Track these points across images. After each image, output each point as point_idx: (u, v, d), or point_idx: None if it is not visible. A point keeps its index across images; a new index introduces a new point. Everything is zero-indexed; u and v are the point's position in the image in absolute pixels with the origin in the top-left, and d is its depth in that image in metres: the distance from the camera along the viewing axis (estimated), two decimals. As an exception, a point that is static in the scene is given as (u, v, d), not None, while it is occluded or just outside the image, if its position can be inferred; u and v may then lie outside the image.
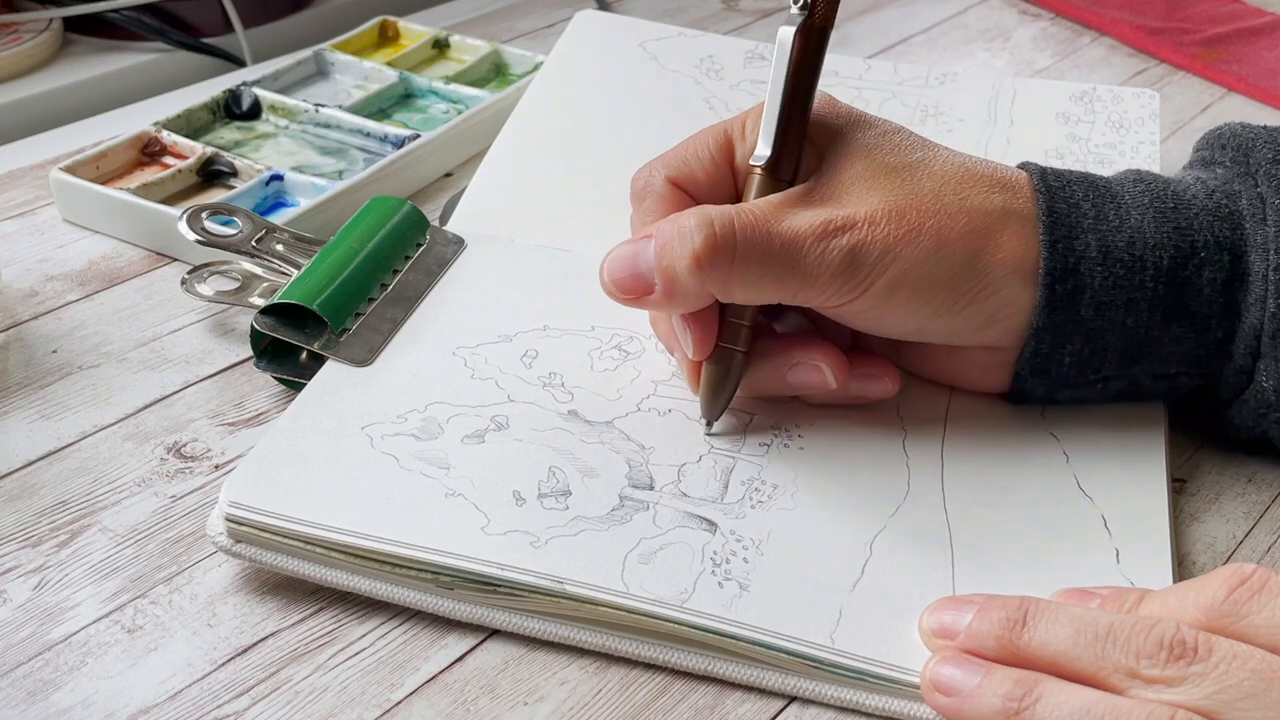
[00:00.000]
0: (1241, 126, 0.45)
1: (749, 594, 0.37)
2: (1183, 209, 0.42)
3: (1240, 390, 0.42)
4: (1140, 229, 0.41)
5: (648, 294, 0.40)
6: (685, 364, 0.43)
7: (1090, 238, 0.41)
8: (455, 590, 0.38)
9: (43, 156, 0.61)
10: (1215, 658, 0.31)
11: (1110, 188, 0.42)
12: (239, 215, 0.50)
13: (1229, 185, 0.43)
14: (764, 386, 0.43)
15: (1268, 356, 0.41)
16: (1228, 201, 0.42)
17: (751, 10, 0.81)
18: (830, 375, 0.42)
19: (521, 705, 0.36)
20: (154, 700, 0.36)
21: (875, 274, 0.40)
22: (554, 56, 0.63)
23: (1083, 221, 0.41)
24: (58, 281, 0.52)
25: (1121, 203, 0.42)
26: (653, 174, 0.43)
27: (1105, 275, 0.41)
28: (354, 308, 0.46)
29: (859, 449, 0.43)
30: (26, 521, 0.41)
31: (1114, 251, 0.41)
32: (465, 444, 0.41)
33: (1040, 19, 0.82)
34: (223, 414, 0.46)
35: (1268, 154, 0.42)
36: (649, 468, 0.41)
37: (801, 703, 0.37)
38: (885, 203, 0.40)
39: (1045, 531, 0.40)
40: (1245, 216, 0.42)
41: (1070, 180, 0.42)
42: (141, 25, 0.72)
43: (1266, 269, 0.41)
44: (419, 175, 0.60)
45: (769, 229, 0.40)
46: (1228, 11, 0.81)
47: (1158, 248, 0.41)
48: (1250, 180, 0.43)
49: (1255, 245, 0.41)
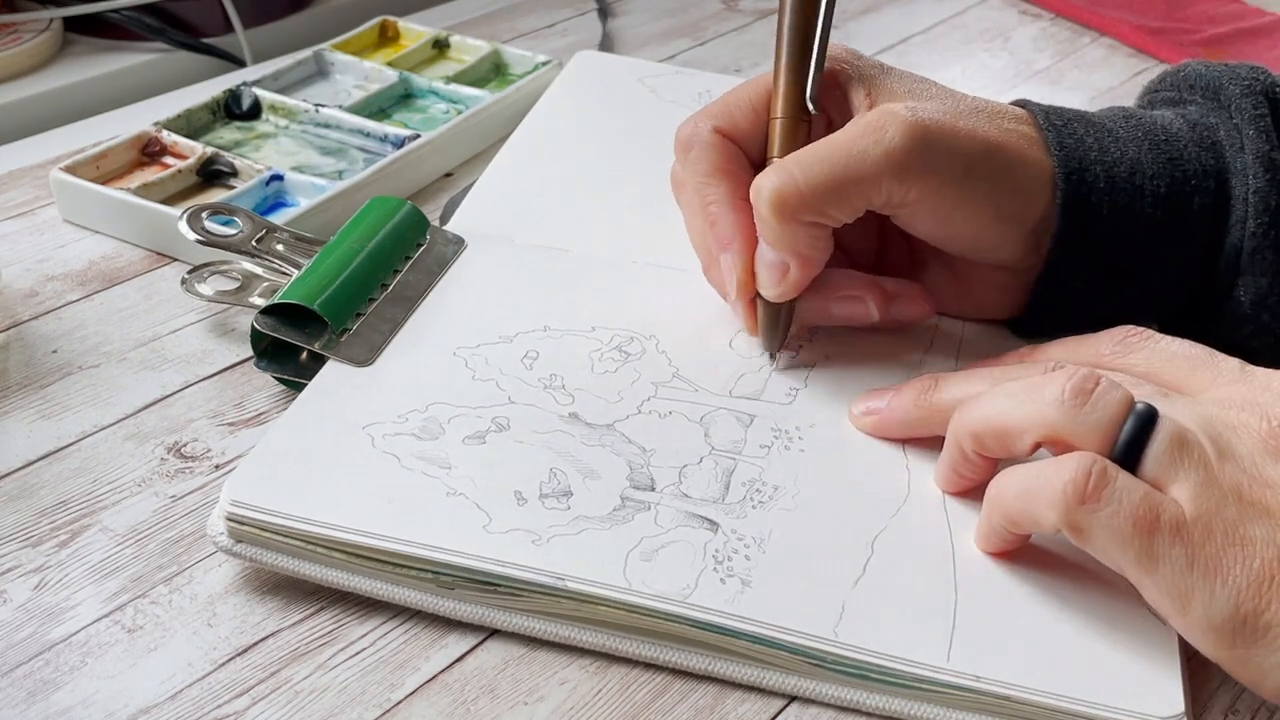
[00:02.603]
0: (1204, 66, 0.48)
1: (751, 590, 0.37)
2: (1172, 141, 0.45)
3: (1218, 306, 0.46)
4: (1139, 161, 0.45)
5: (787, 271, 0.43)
6: (740, 306, 0.46)
7: (1098, 169, 0.44)
8: (455, 590, 0.38)
9: (43, 156, 0.61)
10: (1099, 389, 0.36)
11: (1105, 124, 0.46)
12: (239, 215, 0.50)
13: (1206, 119, 0.47)
14: (812, 319, 0.46)
15: (1245, 274, 0.45)
16: (1208, 133, 0.46)
17: (751, 10, 0.81)
18: (873, 307, 0.46)
19: (521, 705, 0.36)
20: (154, 700, 0.36)
21: (949, 160, 0.42)
22: (552, 91, 0.63)
23: (1089, 155, 0.44)
24: (58, 281, 0.52)
25: (1118, 137, 0.45)
26: (698, 125, 0.45)
27: (1112, 203, 0.44)
28: (354, 308, 0.46)
29: (859, 451, 0.43)
30: (26, 521, 0.41)
31: (1118, 181, 0.44)
32: (466, 444, 0.41)
33: (1040, 19, 0.82)
34: (223, 414, 0.46)
35: (1237, 89, 0.46)
36: (650, 469, 0.41)
37: (802, 702, 0.37)
38: (939, 107, 0.43)
39: (1046, 531, 0.40)
40: (1225, 146, 0.46)
41: (1070, 119, 0.46)
42: (141, 25, 0.72)
43: (1246, 192, 0.44)
44: (419, 175, 0.60)
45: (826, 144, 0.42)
46: (1228, 11, 0.81)
47: (1155, 177, 0.45)
48: (1225, 114, 0.46)
49: (1235, 172, 0.45)
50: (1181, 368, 0.40)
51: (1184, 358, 0.40)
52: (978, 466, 0.39)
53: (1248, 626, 0.33)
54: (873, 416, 0.43)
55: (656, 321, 0.48)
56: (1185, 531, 0.34)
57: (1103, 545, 0.34)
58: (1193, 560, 0.34)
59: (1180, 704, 0.35)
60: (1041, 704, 0.35)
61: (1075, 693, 0.35)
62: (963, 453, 0.39)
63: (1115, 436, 0.35)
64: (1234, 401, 0.37)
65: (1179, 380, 0.39)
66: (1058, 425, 0.36)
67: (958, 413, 0.39)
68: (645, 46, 0.76)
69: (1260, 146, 0.44)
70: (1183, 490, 0.34)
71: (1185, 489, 0.34)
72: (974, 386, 0.40)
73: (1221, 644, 0.34)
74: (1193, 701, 0.37)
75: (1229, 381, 0.39)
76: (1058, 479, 0.34)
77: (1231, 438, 0.36)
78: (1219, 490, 0.34)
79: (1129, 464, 0.35)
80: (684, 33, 0.78)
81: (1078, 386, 0.36)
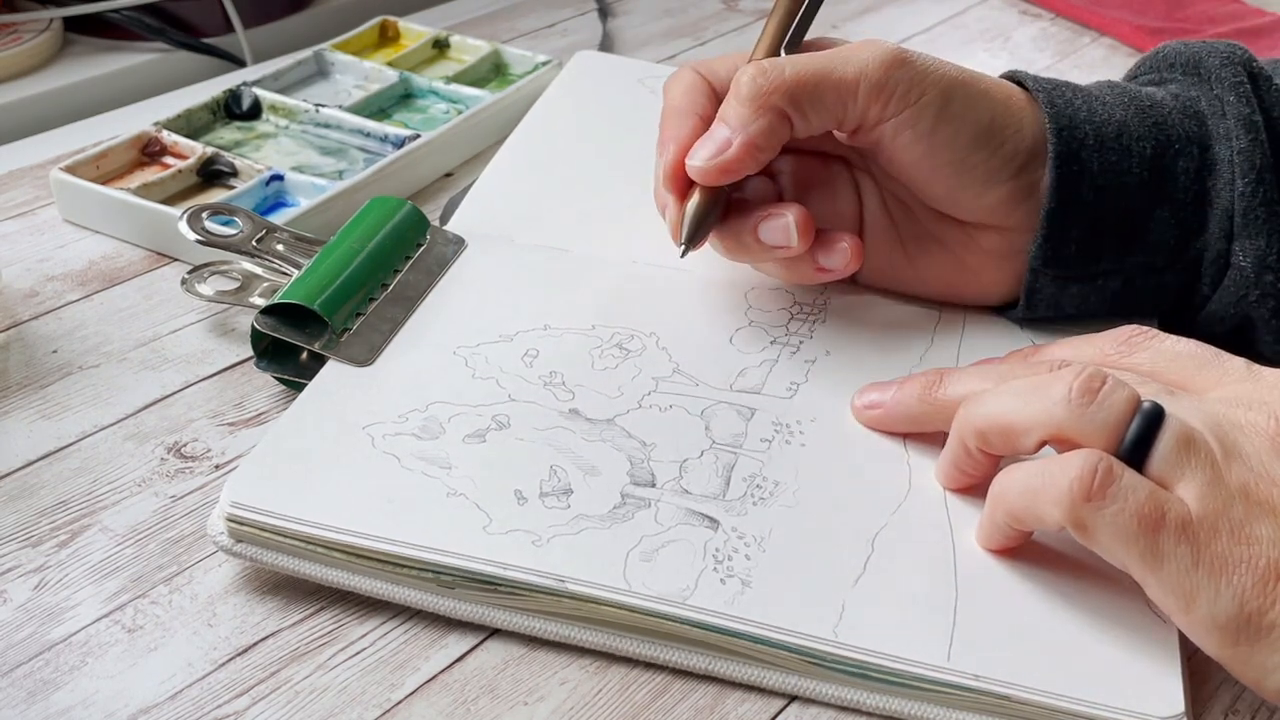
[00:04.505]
0: (1184, 44, 0.49)
1: (751, 590, 0.37)
2: (1156, 108, 0.46)
3: (1219, 276, 0.46)
4: (1125, 123, 0.46)
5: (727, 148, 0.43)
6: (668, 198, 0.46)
7: (1087, 127, 0.45)
8: (456, 590, 0.38)
9: (43, 156, 0.61)
10: (1106, 388, 0.36)
11: (1091, 91, 0.47)
12: (239, 215, 0.50)
13: (1188, 91, 0.47)
14: (737, 235, 0.46)
15: (1241, 236, 0.45)
16: (1191, 104, 0.47)
17: (751, 10, 0.81)
18: (794, 229, 0.44)
19: (521, 705, 0.36)
20: (154, 700, 0.36)
21: (928, 79, 0.43)
22: (551, 91, 0.63)
23: (1078, 114, 0.45)
24: (58, 281, 0.52)
25: (1105, 102, 0.46)
26: (683, 68, 0.48)
27: (1101, 160, 0.45)
28: (355, 308, 0.46)
29: (860, 446, 0.43)
30: (27, 521, 0.41)
31: (1106, 140, 0.45)
32: (466, 443, 0.41)
33: (1040, 19, 0.82)
34: (223, 414, 0.46)
35: (1216, 61, 0.47)
36: (650, 464, 0.41)
37: (802, 702, 0.37)
38: (926, 60, 0.44)
39: (1046, 530, 0.40)
40: (1207, 114, 0.46)
41: (1058, 83, 0.47)
42: (141, 25, 0.72)
43: (1231, 154, 0.45)
44: (419, 175, 0.60)
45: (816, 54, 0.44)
46: (1228, 11, 0.81)
47: (1140, 139, 0.46)
48: (1206, 85, 0.47)
49: (1219, 137, 0.46)
50: (1187, 367, 0.39)
51: (1189, 356, 0.40)
52: (980, 464, 0.39)
53: (1251, 625, 0.33)
54: (876, 410, 0.43)
55: (657, 319, 0.48)
56: (1191, 530, 0.34)
57: (1107, 543, 0.34)
58: (1198, 559, 0.34)
59: (1180, 704, 0.35)
60: (1041, 703, 0.35)
61: (1075, 692, 0.35)
62: (966, 449, 0.39)
63: (1121, 435, 0.35)
64: (1241, 400, 0.37)
65: (1185, 379, 0.39)
66: (1064, 424, 0.35)
67: (962, 409, 0.39)
68: (645, 46, 0.76)
69: (1241, 110, 0.45)
70: (1189, 489, 0.34)
71: (1191, 488, 0.34)
72: (979, 383, 0.40)
73: (1225, 643, 0.34)
74: (1193, 701, 0.37)
75: (1235, 380, 0.38)
76: (1063, 476, 0.34)
77: (1238, 436, 0.36)
78: (1225, 489, 0.34)
79: (1135, 462, 0.35)
80: (684, 33, 0.78)
81: (1084, 385, 0.35)
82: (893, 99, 0.43)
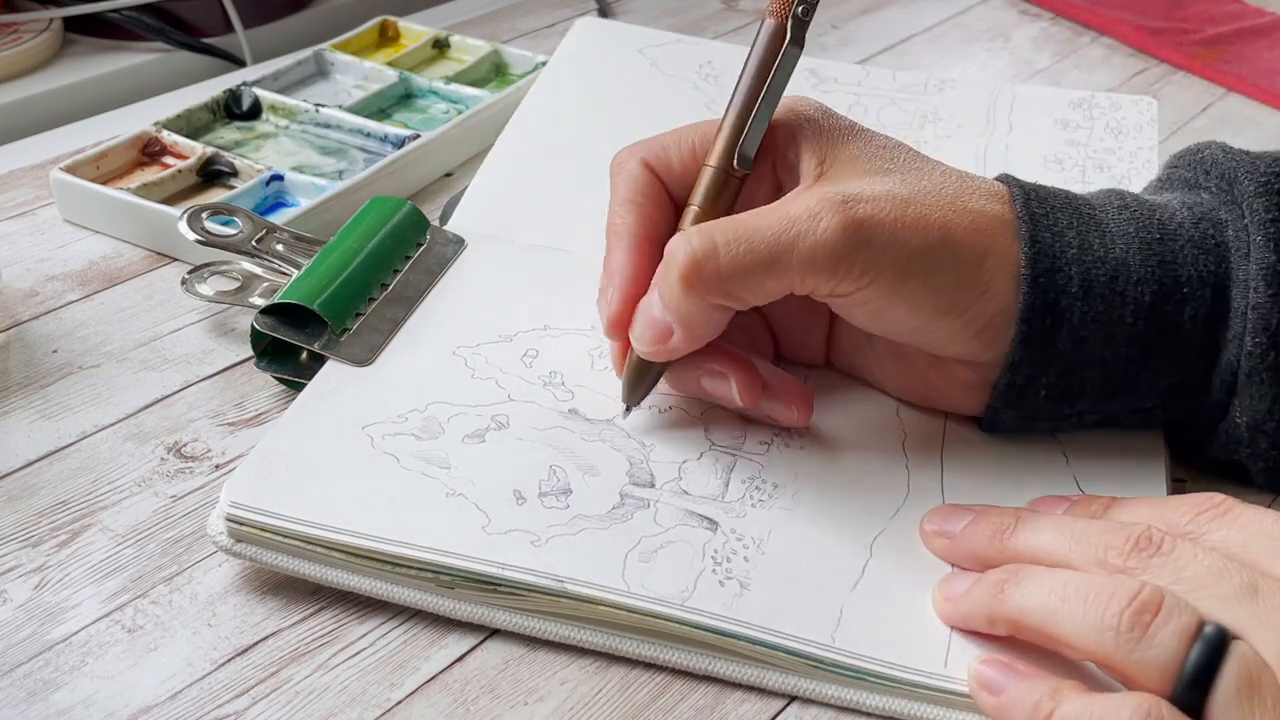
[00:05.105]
0: (1223, 152, 0.44)
1: (750, 593, 0.37)
2: (1168, 240, 0.41)
3: (1214, 424, 0.42)
4: (1124, 262, 0.40)
5: (669, 337, 0.40)
6: (614, 348, 0.43)
7: (1073, 269, 0.40)
8: (455, 590, 0.38)
9: (43, 156, 0.61)
10: (1176, 554, 0.34)
11: (1095, 214, 0.42)
12: (239, 215, 0.50)
13: (1215, 213, 0.42)
14: (683, 385, 0.43)
15: (1242, 394, 0.41)
16: (1214, 231, 0.41)
17: (752, 10, 0.81)
18: (736, 391, 0.41)
19: (521, 705, 0.36)
20: (154, 700, 0.36)
21: (885, 257, 0.39)
22: (554, 63, 0.63)
23: (1066, 252, 0.40)
24: (58, 281, 0.52)
25: (1106, 230, 0.41)
26: (630, 155, 0.43)
27: (1085, 310, 0.40)
28: (354, 308, 0.46)
29: (859, 450, 0.43)
30: (27, 521, 0.41)
31: (1096, 286, 0.40)
32: (466, 443, 0.41)
33: (1040, 19, 0.82)
34: (223, 414, 0.46)
35: (1251, 186, 0.41)
36: (650, 465, 0.41)
37: (802, 702, 0.37)
38: (891, 190, 0.40)
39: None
40: (1230, 249, 0.41)
41: (1054, 206, 0.41)
42: (141, 25, 0.72)
43: (1245, 306, 0.40)
44: (419, 175, 0.60)
45: (755, 221, 0.39)
46: (1228, 11, 0.81)
47: (1140, 283, 0.40)
48: (1236, 210, 0.42)
49: (1237, 281, 0.41)
50: (1264, 549, 0.35)
51: (1266, 535, 0.35)
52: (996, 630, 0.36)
53: None
54: (944, 539, 0.39)
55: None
56: None
57: None
58: None
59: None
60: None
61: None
62: (990, 621, 0.36)
63: (1176, 672, 0.32)
64: None
65: (1260, 561, 0.34)
66: (1112, 656, 0.33)
67: (1012, 584, 0.35)
68: (645, 46, 0.76)
69: (1266, 257, 0.40)
70: None
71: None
72: (1052, 542, 0.36)
73: None
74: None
75: None
76: None
77: None
78: None
79: (1193, 702, 0.31)
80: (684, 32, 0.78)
81: (1136, 614, 0.32)
82: (844, 281, 0.39)
